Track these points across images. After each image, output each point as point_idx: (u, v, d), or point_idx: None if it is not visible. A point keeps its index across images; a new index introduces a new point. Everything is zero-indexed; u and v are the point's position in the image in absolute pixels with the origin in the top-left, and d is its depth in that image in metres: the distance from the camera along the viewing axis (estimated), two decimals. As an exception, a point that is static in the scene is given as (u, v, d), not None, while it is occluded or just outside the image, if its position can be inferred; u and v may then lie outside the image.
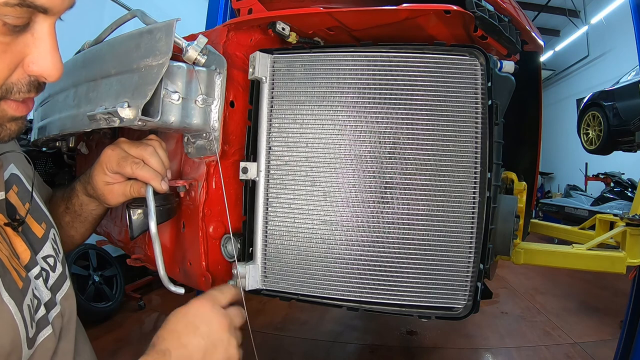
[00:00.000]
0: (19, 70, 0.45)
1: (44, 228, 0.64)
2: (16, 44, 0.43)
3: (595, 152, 4.92)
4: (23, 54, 0.44)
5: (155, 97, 0.67)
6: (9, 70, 0.44)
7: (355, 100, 0.82)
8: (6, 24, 0.40)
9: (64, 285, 0.63)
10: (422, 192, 0.79)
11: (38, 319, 0.54)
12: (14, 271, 0.51)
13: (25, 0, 0.40)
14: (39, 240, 0.62)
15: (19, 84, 0.45)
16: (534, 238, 3.37)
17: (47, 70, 0.45)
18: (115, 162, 0.70)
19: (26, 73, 0.45)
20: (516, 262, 1.87)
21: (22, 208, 0.61)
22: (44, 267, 0.60)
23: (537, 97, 1.86)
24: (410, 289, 0.80)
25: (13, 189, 0.61)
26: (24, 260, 0.55)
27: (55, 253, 0.64)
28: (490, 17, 0.89)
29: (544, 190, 9.78)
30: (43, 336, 0.54)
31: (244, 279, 0.84)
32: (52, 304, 0.59)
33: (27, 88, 0.46)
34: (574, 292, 4.24)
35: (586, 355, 2.86)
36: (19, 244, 0.56)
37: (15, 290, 0.49)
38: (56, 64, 0.45)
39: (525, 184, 1.59)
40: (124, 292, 3.58)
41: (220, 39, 0.87)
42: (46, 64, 0.45)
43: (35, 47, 0.44)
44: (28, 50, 0.44)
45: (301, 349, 3.03)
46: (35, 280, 0.56)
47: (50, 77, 0.46)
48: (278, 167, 0.86)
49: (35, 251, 0.60)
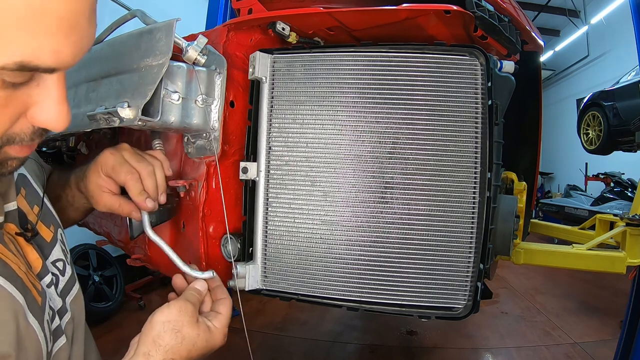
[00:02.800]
0: (22, 120, 0.40)
1: (52, 231, 0.63)
2: (19, 96, 0.38)
3: (595, 152, 4.92)
4: (27, 104, 0.40)
5: (155, 97, 0.67)
6: (11, 122, 0.40)
7: (355, 100, 0.82)
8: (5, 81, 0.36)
9: (73, 288, 0.63)
10: (422, 192, 0.79)
11: (53, 330, 0.53)
12: (32, 288, 0.50)
13: (25, 66, 0.34)
14: (48, 245, 0.60)
15: (22, 133, 0.41)
16: (534, 238, 3.36)
17: (54, 122, 0.41)
18: (110, 166, 0.68)
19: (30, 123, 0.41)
20: (516, 262, 1.87)
21: (30, 212, 0.59)
22: (54, 273, 0.59)
23: (537, 97, 1.86)
24: (410, 289, 0.80)
25: (21, 193, 0.59)
26: (35, 269, 0.54)
27: (63, 255, 0.63)
28: (490, 17, 0.89)
29: (544, 190, 9.77)
30: (58, 346, 0.54)
31: (242, 279, 0.84)
32: (64, 310, 0.58)
33: (30, 137, 0.42)
34: (574, 292, 4.24)
35: (586, 355, 2.86)
36: (31, 252, 0.54)
37: (36, 309, 0.49)
38: (63, 116, 0.41)
39: (525, 184, 1.59)
40: (124, 292, 3.58)
41: (220, 39, 0.87)
42: (52, 115, 0.40)
43: (41, 98, 0.40)
44: (32, 101, 0.39)
45: (301, 349, 3.03)
46: (48, 289, 0.55)
47: (55, 129, 0.42)
48: (278, 167, 0.86)
49: (46, 256, 0.58)
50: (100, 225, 1.28)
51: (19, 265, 0.49)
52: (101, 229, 1.29)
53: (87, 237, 3.09)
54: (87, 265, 3.38)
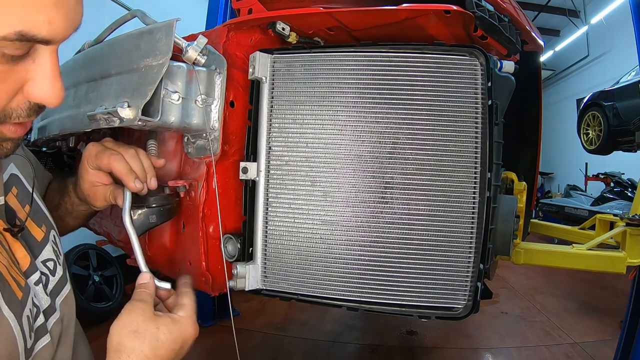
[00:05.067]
0: (18, 96, 0.43)
1: (44, 231, 0.63)
2: (16, 71, 0.41)
3: (595, 152, 4.92)
4: (23, 80, 0.43)
5: (155, 97, 0.67)
6: (8, 98, 0.42)
7: (355, 100, 0.82)
8: (5, 54, 0.39)
9: (64, 289, 0.62)
10: (422, 192, 0.79)
11: (36, 328, 0.53)
12: (13, 282, 0.50)
13: (24, 35, 0.38)
14: (38, 244, 0.61)
15: (19, 109, 0.44)
16: (534, 238, 3.36)
17: (48, 97, 0.44)
18: (94, 155, 0.69)
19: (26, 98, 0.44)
20: (516, 262, 1.87)
21: (21, 211, 0.60)
22: (44, 272, 0.59)
23: (537, 97, 1.86)
24: (410, 289, 0.80)
25: (12, 192, 0.60)
26: (23, 266, 0.54)
27: (55, 256, 0.63)
28: (490, 17, 0.89)
29: (544, 190, 9.77)
30: (41, 345, 0.53)
31: (242, 279, 0.84)
32: (52, 310, 0.58)
33: (27, 113, 0.45)
34: (574, 292, 4.24)
35: (586, 355, 2.86)
36: (19, 249, 0.55)
37: (15, 302, 0.49)
38: (57, 91, 0.44)
39: (525, 184, 1.59)
40: (124, 292, 3.58)
41: (220, 39, 0.87)
42: (47, 90, 0.44)
43: (36, 73, 0.43)
44: (29, 76, 0.43)
45: (301, 349, 3.03)
46: (35, 286, 0.55)
47: (50, 104, 0.45)
48: (278, 167, 0.86)
49: (35, 255, 0.59)
50: (100, 225, 1.28)
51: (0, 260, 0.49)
52: (101, 229, 1.29)
53: (87, 237, 3.09)
54: (87, 265, 3.37)
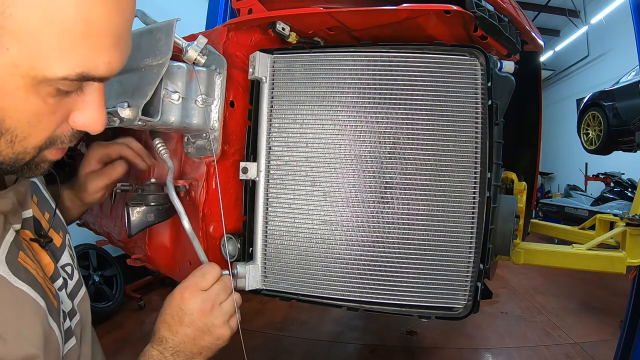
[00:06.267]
0: (64, 124, 0.45)
1: (61, 236, 0.65)
2: (65, 103, 0.43)
3: (595, 152, 4.91)
4: (70, 109, 0.44)
5: (155, 97, 0.67)
6: (56, 126, 0.44)
7: (355, 100, 0.82)
8: (60, 90, 0.40)
9: (80, 290, 0.65)
10: (422, 192, 0.79)
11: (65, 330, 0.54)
12: (49, 292, 0.52)
13: (85, 76, 0.39)
14: (58, 249, 0.63)
15: (63, 136, 0.46)
16: (534, 238, 3.36)
17: (94, 125, 0.46)
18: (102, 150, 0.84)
19: (71, 126, 0.46)
20: (516, 262, 1.86)
21: (42, 218, 0.62)
22: (64, 276, 0.61)
23: (537, 97, 1.86)
24: (410, 289, 0.80)
25: (34, 200, 0.61)
26: (48, 272, 0.56)
27: (71, 259, 0.65)
28: (490, 17, 0.89)
29: (544, 190, 9.77)
30: (69, 346, 0.55)
31: (242, 279, 0.84)
32: (73, 312, 0.60)
33: (69, 139, 0.46)
34: (574, 292, 4.24)
35: (586, 355, 2.85)
36: (44, 256, 0.57)
37: (54, 312, 0.51)
38: (101, 120, 0.46)
39: (525, 184, 1.59)
40: (124, 292, 3.58)
41: (220, 39, 0.87)
42: (93, 120, 0.46)
43: (84, 104, 0.44)
44: (76, 106, 0.44)
45: (301, 349, 3.03)
46: (59, 292, 0.57)
47: (94, 132, 0.47)
48: (278, 167, 0.86)
49: (57, 261, 0.60)
50: (100, 225, 1.28)
51: (37, 271, 0.51)
52: (101, 229, 1.29)
53: (87, 237, 3.09)
54: (87, 265, 3.38)
